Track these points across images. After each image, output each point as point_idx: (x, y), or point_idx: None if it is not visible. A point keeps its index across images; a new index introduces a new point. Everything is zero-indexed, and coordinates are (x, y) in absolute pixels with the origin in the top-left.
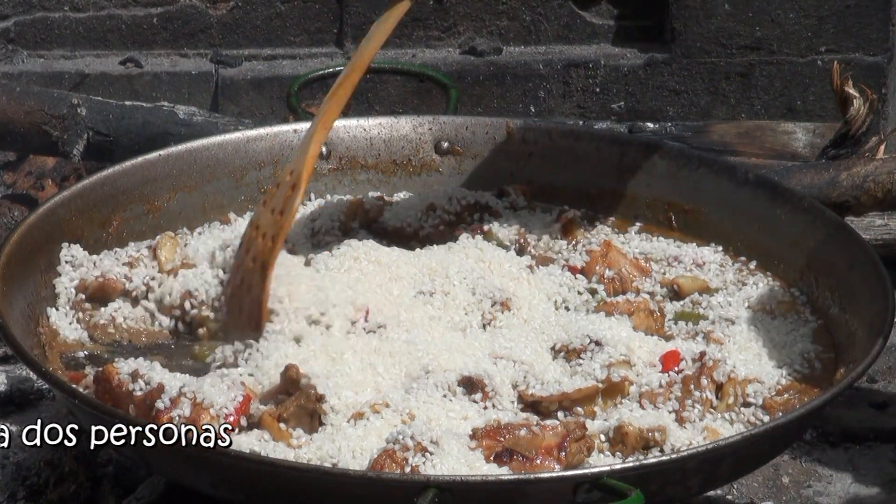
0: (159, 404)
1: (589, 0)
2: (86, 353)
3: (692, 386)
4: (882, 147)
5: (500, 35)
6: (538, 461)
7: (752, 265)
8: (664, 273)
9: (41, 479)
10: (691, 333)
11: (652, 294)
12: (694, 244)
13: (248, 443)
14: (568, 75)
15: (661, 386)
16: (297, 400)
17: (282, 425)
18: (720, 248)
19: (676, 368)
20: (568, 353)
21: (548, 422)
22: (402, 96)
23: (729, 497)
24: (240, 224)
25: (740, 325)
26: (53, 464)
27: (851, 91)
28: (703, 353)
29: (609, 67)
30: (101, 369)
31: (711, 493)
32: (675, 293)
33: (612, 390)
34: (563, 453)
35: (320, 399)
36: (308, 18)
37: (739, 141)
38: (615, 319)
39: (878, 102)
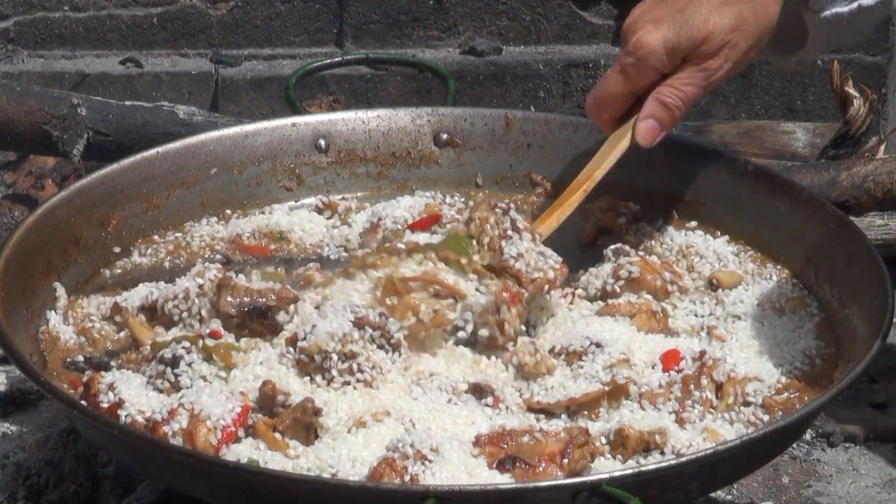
0: (157, 416)
1: (589, 0)
2: (86, 356)
3: (692, 386)
4: (882, 147)
5: (500, 35)
6: (541, 468)
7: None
8: (700, 266)
9: (41, 479)
10: (695, 329)
11: (687, 290)
12: (700, 232)
13: (244, 451)
14: (568, 75)
15: (660, 386)
16: (293, 412)
17: (277, 435)
18: (726, 237)
19: (676, 368)
20: (568, 356)
21: (551, 427)
22: (402, 95)
23: (729, 497)
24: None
25: (745, 322)
26: (53, 464)
27: (851, 91)
28: (703, 353)
29: (609, 67)
30: (91, 376)
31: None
32: (714, 288)
33: (617, 392)
34: (566, 460)
35: (317, 412)
36: (308, 18)
37: (739, 141)
38: (616, 321)
39: (878, 102)
